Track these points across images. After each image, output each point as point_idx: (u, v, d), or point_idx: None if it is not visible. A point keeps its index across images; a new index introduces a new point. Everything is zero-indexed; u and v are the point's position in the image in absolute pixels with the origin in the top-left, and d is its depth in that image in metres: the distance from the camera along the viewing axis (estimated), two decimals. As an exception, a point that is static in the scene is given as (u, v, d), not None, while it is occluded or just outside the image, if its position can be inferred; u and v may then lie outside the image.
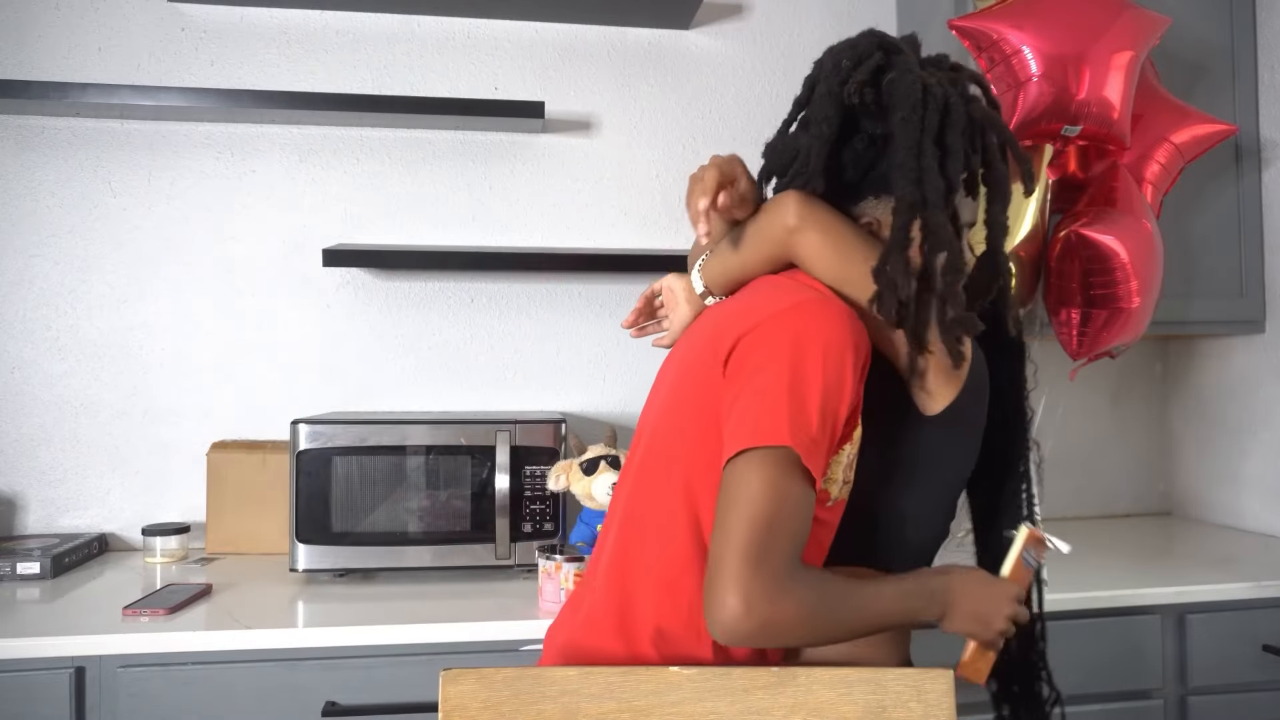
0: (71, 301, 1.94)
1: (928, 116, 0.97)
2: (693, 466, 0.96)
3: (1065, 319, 1.69)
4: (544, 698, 0.89)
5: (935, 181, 0.96)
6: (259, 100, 1.84)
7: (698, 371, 0.98)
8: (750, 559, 0.84)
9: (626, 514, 1.02)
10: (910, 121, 0.96)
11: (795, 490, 0.88)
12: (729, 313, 1.00)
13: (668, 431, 1.00)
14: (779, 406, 0.88)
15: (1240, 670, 1.59)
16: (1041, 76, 1.54)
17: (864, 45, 1.03)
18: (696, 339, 1.03)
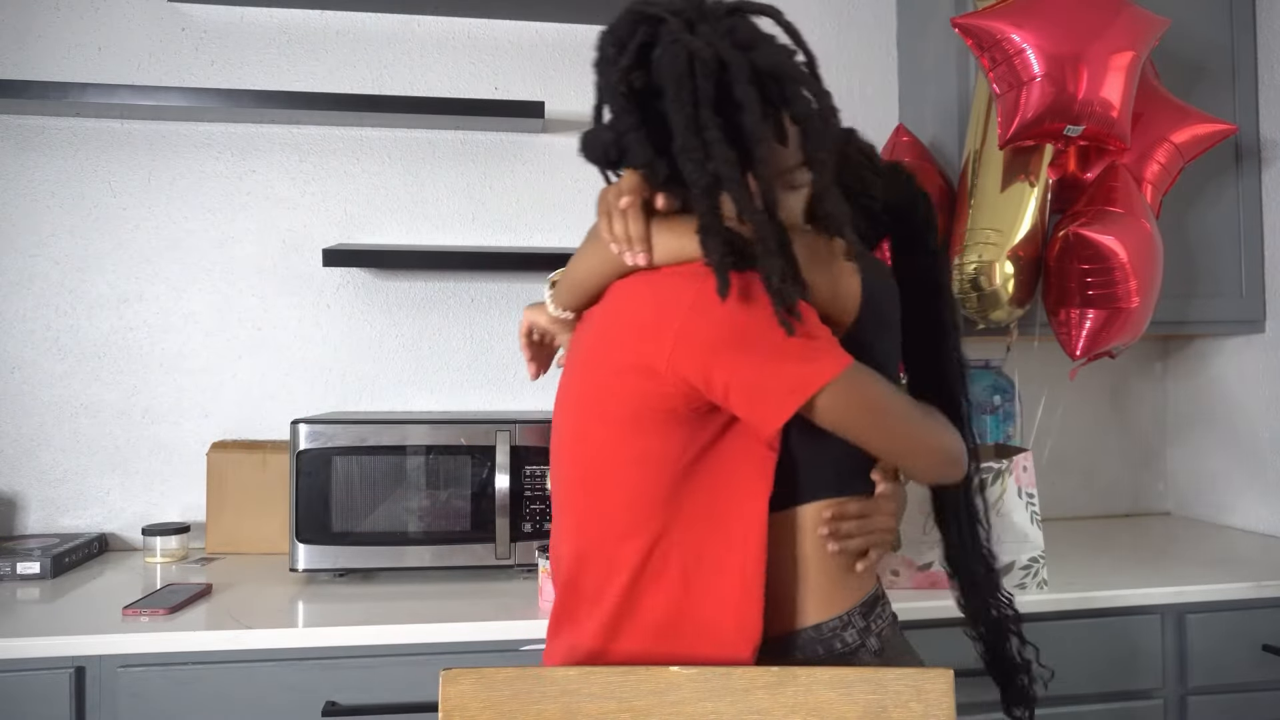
0: (71, 301, 1.94)
1: (700, 85, 0.90)
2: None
3: (1065, 319, 1.69)
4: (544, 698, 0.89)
5: (724, 153, 0.90)
6: (259, 100, 1.84)
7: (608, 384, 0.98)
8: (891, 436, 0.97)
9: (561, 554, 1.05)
10: (680, 98, 0.90)
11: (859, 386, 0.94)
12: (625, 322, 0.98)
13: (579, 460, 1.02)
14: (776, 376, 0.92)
15: (1240, 670, 1.59)
16: (1044, 76, 1.54)
17: (623, 26, 0.95)
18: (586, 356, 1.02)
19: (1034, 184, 1.67)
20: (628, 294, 0.99)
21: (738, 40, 0.94)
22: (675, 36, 0.92)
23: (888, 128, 2.18)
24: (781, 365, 0.92)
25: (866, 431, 0.96)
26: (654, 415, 0.96)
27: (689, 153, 0.91)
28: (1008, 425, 2.07)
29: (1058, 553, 1.81)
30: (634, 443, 0.97)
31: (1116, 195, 1.65)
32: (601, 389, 0.99)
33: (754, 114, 0.91)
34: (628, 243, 0.97)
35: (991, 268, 1.66)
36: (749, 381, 0.92)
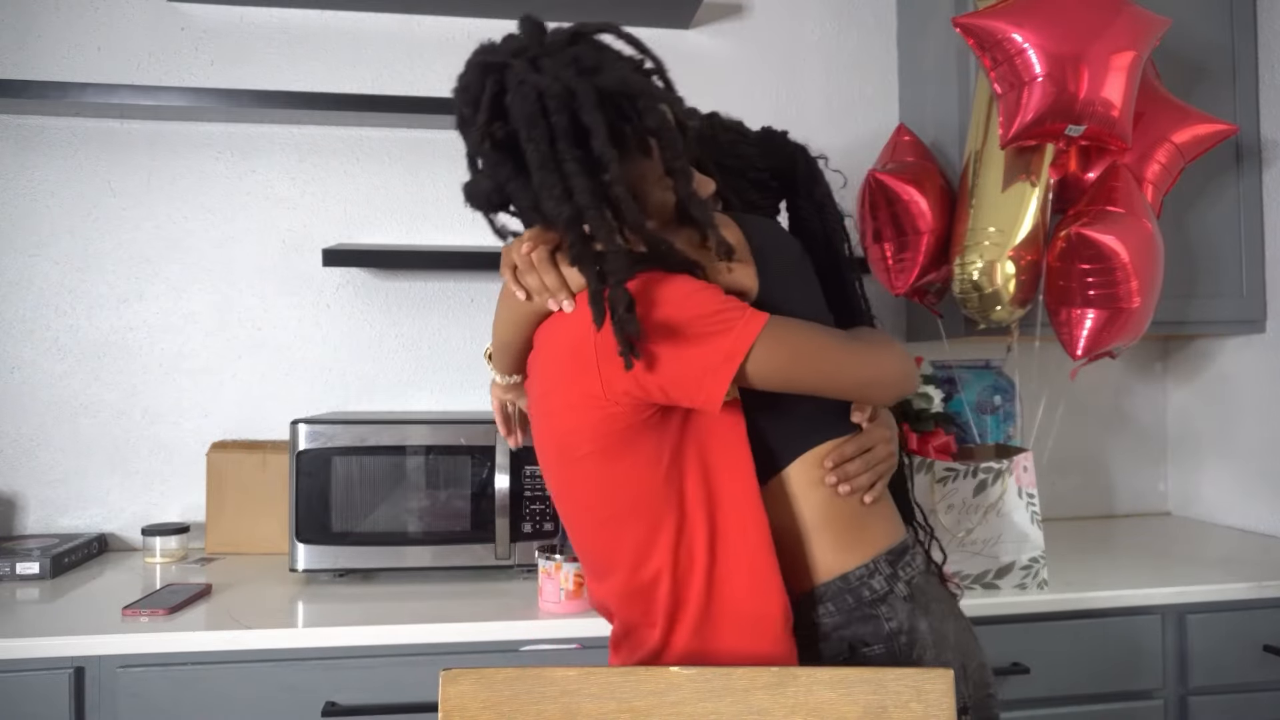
0: (71, 301, 1.94)
1: (553, 121, 0.92)
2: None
3: (1065, 319, 1.69)
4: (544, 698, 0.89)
5: (582, 184, 0.93)
6: (259, 100, 1.84)
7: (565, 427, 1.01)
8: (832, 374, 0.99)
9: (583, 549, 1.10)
10: (534, 139, 0.92)
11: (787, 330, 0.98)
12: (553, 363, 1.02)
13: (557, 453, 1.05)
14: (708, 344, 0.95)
15: (1240, 670, 1.59)
16: (1045, 76, 1.54)
17: (473, 82, 0.96)
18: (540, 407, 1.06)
19: (1035, 184, 1.67)
20: (546, 336, 1.03)
21: (582, 67, 0.94)
22: (522, 78, 0.93)
23: (888, 128, 2.18)
24: (701, 347, 0.95)
25: (807, 377, 0.99)
26: (618, 437, 0.99)
27: (548, 189, 0.93)
28: (1008, 425, 2.07)
29: (1058, 553, 1.81)
30: (613, 469, 1.00)
31: (1118, 195, 1.65)
32: (563, 433, 1.02)
33: (600, 137, 0.92)
34: (547, 294, 0.99)
35: (993, 268, 1.66)
36: (678, 373, 0.95)
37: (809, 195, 1.24)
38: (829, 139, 2.18)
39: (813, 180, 1.24)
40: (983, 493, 1.54)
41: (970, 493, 1.53)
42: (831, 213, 1.24)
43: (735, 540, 1.01)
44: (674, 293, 0.97)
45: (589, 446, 1.00)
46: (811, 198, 1.23)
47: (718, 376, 0.95)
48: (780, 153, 1.24)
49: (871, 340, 1.05)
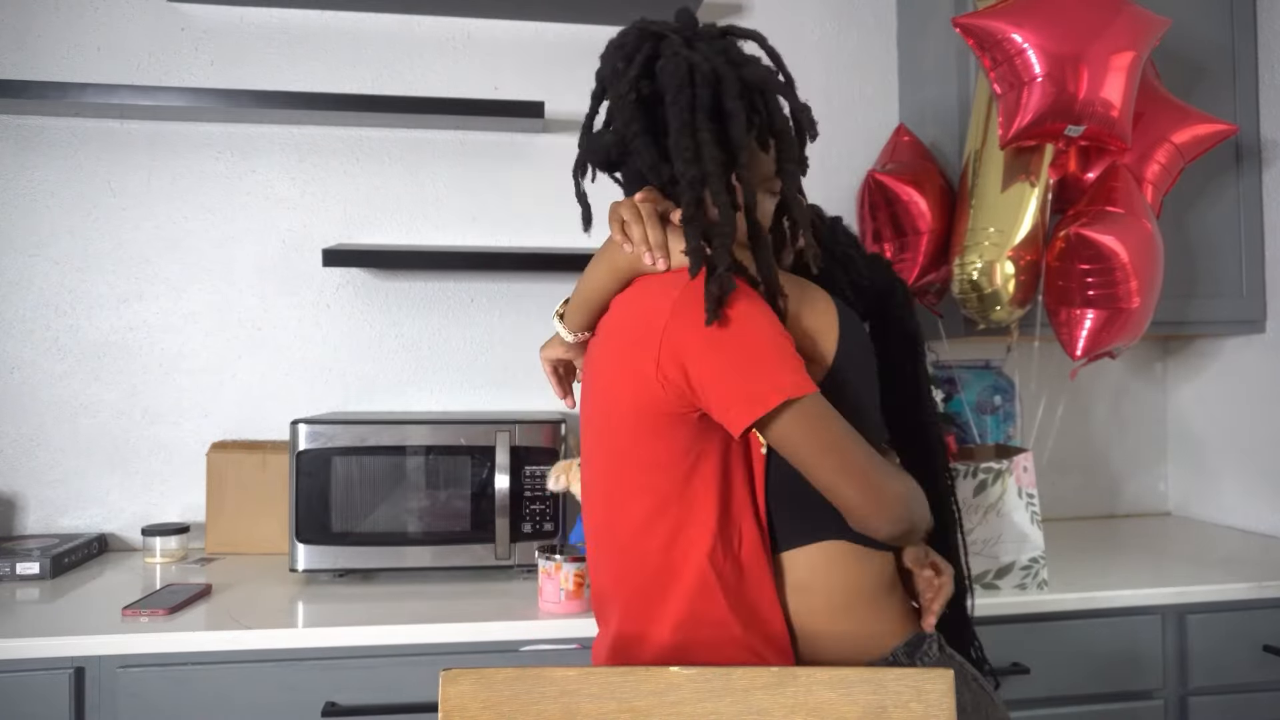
0: (71, 301, 1.94)
1: (698, 93, 1.01)
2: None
3: (1065, 319, 1.69)
4: (544, 698, 0.89)
5: (712, 153, 0.99)
6: (259, 100, 1.84)
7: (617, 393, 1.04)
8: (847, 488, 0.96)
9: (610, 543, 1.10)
10: (679, 103, 1.00)
11: (816, 417, 0.96)
12: (622, 331, 1.05)
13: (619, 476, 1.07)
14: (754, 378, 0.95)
15: (1240, 670, 1.59)
16: (1045, 76, 1.54)
17: (630, 42, 1.06)
18: (600, 368, 1.09)
19: (1035, 184, 1.67)
20: (624, 305, 1.07)
21: (730, 58, 1.04)
22: (676, 50, 1.03)
23: (888, 128, 2.18)
24: (750, 373, 0.95)
25: (819, 461, 0.96)
26: (655, 419, 1.01)
27: (682, 151, 1.00)
28: (1008, 425, 2.07)
29: (1058, 553, 1.81)
30: (641, 446, 1.03)
31: (1117, 195, 1.65)
32: (613, 398, 1.06)
33: (739, 124, 1.01)
34: (648, 247, 1.02)
35: (992, 268, 1.66)
36: (719, 383, 0.96)
37: (900, 324, 1.24)
38: (829, 139, 2.18)
39: (909, 309, 1.25)
40: (983, 493, 1.54)
41: (970, 493, 1.53)
42: (920, 344, 1.25)
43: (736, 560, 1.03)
44: (759, 318, 0.98)
45: (629, 419, 1.03)
46: (903, 325, 1.24)
47: (749, 408, 0.95)
48: (883, 274, 1.25)
49: (898, 474, 1.01)
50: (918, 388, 1.23)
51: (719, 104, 1.02)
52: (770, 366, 0.96)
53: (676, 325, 0.97)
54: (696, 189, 1.00)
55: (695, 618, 1.02)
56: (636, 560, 1.05)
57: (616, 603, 1.08)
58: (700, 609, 1.02)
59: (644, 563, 1.05)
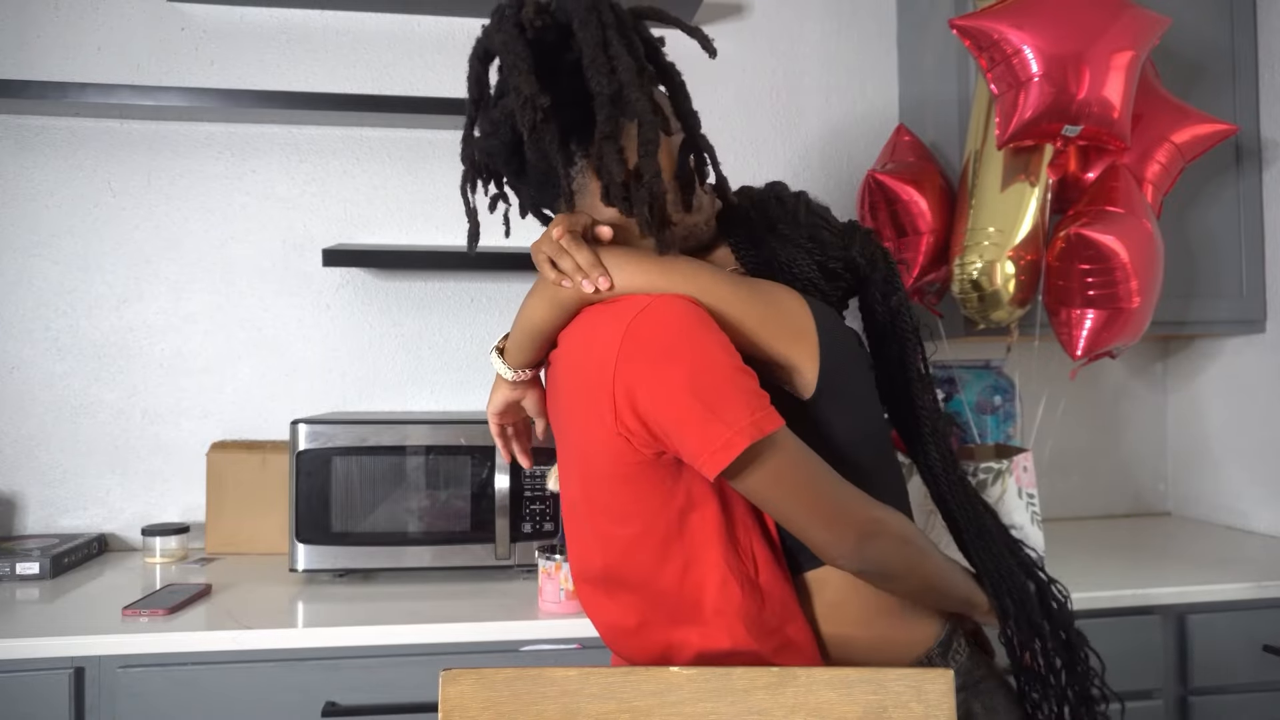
0: (71, 301, 1.94)
1: (603, 14, 0.99)
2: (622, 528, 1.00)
3: (1065, 319, 1.69)
4: (544, 698, 0.89)
5: (628, 63, 0.97)
6: (259, 100, 1.84)
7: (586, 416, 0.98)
8: (819, 525, 0.92)
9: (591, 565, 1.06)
10: (589, 23, 0.98)
11: (785, 458, 0.91)
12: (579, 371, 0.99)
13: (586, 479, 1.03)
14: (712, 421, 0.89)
15: (1240, 670, 1.59)
16: (1042, 76, 1.54)
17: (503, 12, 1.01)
18: (569, 407, 1.02)
19: (1034, 184, 1.67)
20: (573, 340, 1.00)
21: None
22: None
23: (888, 128, 2.18)
24: (709, 416, 0.89)
25: (787, 503, 0.92)
26: (629, 468, 0.96)
27: (598, 66, 0.96)
28: (1008, 425, 2.07)
29: (1058, 553, 1.81)
30: (629, 492, 0.98)
31: (1117, 195, 1.65)
32: (585, 445, 1.00)
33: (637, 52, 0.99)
34: (583, 275, 0.97)
35: (992, 268, 1.66)
36: (679, 430, 0.91)
37: (884, 299, 1.15)
38: (829, 140, 2.18)
39: (890, 286, 1.15)
40: (983, 493, 1.54)
41: (970, 493, 1.53)
42: (905, 323, 1.15)
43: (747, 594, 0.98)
44: (710, 349, 0.92)
45: (605, 470, 0.98)
46: (887, 303, 1.14)
47: (714, 458, 0.89)
48: (861, 248, 1.15)
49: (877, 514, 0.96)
50: (906, 386, 1.14)
51: (621, 28, 0.99)
52: (729, 405, 0.89)
53: (625, 370, 0.92)
54: (615, 105, 0.97)
55: (717, 651, 0.98)
56: (654, 600, 1.01)
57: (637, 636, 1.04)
58: (721, 641, 0.98)
59: (662, 602, 1.00)
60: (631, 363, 0.91)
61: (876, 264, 1.14)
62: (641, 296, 0.95)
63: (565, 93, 0.98)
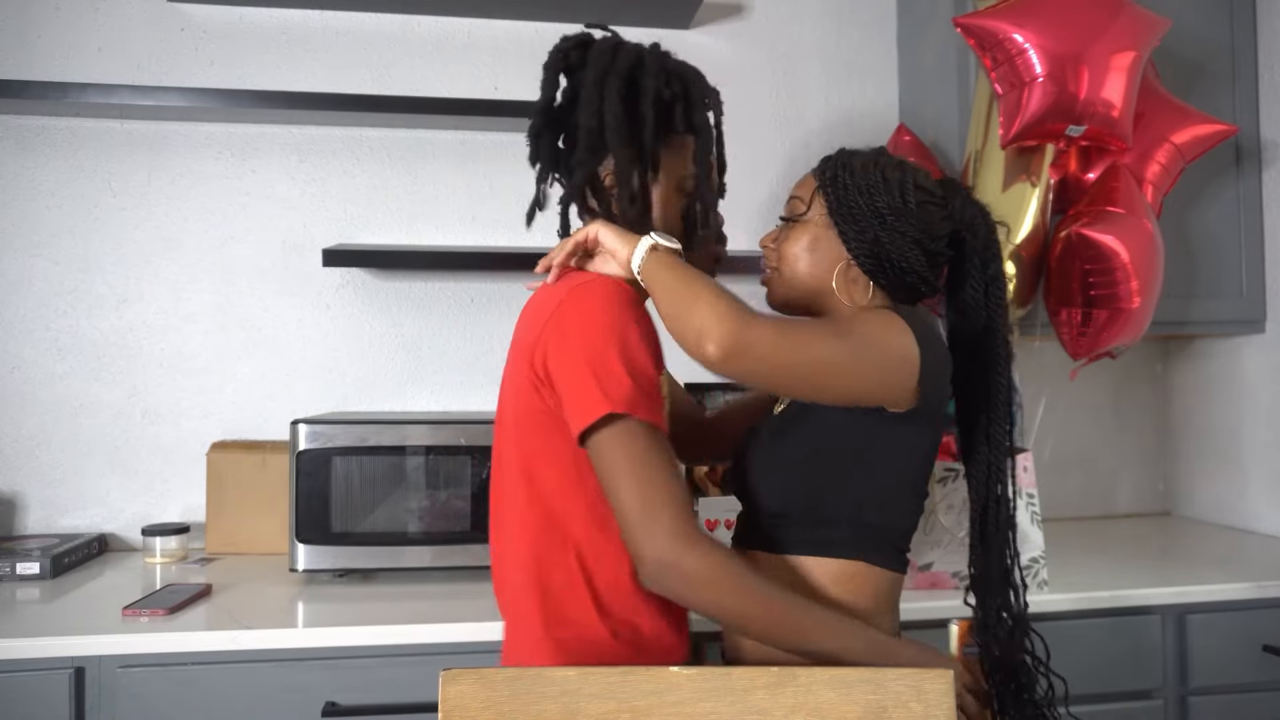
0: (71, 301, 1.93)
1: (617, 60, 1.08)
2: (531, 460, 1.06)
3: (1065, 319, 1.69)
4: (544, 698, 0.89)
5: (615, 109, 1.06)
6: (259, 100, 1.84)
7: (517, 375, 1.07)
8: (640, 519, 0.95)
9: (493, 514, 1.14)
10: (597, 64, 1.08)
11: (643, 446, 0.96)
12: (520, 329, 1.10)
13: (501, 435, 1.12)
14: (590, 385, 0.97)
15: (1240, 670, 1.59)
16: (1046, 76, 1.54)
17: (575, 34, 1.16)
18: (508, 368, 1.12)
19: (1035, 184, 1.67)
20: (529, 305, 1.12)
21: (656, 52, 1.14)
22: (612, 36, 1.15)
23: (888, 128, 2.18)
24: (592, 380, 0.97)
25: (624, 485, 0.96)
26: (535, 416, 1.04)
27: (586, 103, 1.08)
28: (1008, 425, 2.06)
29: (1058, 553, 1.80)
30: (529, 443, 1.05)
31: (1118, 195, 1.65)
32: (509, 394, 1.09)
33: (647, 99, 1.08)
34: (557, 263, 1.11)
35: (992, 268, 1.66)
36: (567, 385, 0.99)
37: (982, 268, 1.12)
38: (829, 139, 2.18)
39: (990, 253, 1.12)
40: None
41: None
42: (997, 294, 1.12)
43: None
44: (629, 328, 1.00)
45: (518, 415, 1.06)
46: (985, 271, 1.12)
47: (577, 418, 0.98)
48: (962, 213, 1.11)
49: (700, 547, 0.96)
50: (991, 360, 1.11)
51: (635, 78, 1.08)
52: (614, 382, 0.96)
53: (550, 326, 1.01)
54: (591, 140, 1.07)
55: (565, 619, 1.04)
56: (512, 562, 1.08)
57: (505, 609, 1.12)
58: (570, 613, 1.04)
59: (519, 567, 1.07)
60: (556, 321, 1.01)
61: (977, 230, 1.12)
62: (589, 274, 1.06)
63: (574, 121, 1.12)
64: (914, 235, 1.08)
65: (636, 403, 0.96)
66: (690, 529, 0.95)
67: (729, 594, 0.95)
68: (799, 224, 1.13)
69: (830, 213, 1.11)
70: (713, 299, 0.95)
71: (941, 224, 1.10)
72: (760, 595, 0.96)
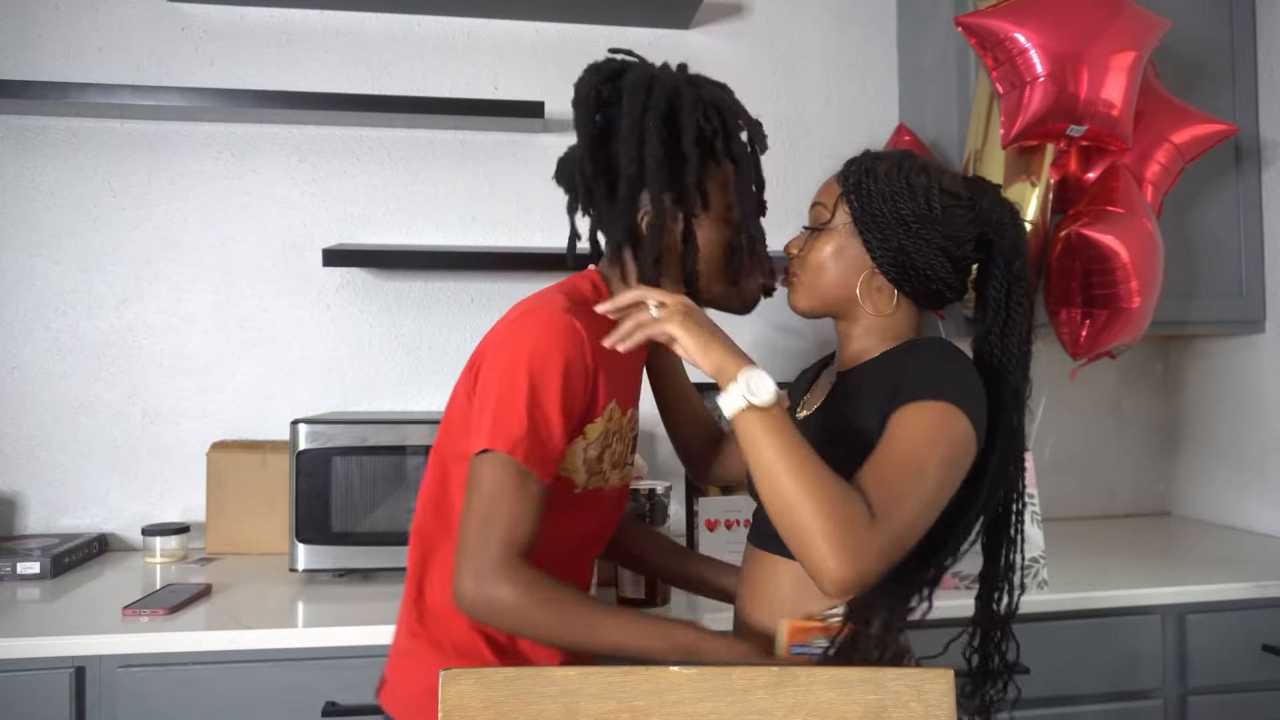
0: (71, 301, 1.93)
1: (653, 97, 1.05)
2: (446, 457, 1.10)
3: (1065, 319, 1.69)
4: (544, 698, 0.89)
5: (655, 153, 1.04)
6: (259, 100, 1.84)
7: (464, 375, 1.10)
8: (471, 545, 0.97)
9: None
10: (634, 101, 1.04)
11: (508, 486, 0.98)
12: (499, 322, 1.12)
13: (441, 430, 1.14)
14: (488, 413, 0.99)
15: (1240, 670, 1.59)
16: (1047, 76, 1.54)
17: (603, 63, 1.12)
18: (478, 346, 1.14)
19: (1035, 184, 1.67)
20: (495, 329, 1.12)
21: (692, 79, 1.12)
22: (644, 65, 1.11)
23: (888, 128, 2.18)
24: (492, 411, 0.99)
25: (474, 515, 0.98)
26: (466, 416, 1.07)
27: (626, 147, 1.04)
28: (1008, 425, 2.06)
29: (1058, 553, 1.80)
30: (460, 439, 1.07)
31: (1118, 195, 1.65)
32: (463, 386, 1.10)
33: (690, 135, 1.05)
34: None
35: (992, 268, 1.66)
36: (477, 405, 1.02)
37: (1007, 265, 1.08)
38: (829, 139, 2.18)
39: (1016, 250, 1.09)
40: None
41: (970, 493, 1.53)
42: (1019, 294, 1.09)
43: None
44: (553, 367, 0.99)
45: (450, 411, 1.10)
46: (1009, 268, 1.08)
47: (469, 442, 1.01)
48: (989, 214, 1.09)
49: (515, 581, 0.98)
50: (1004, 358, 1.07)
51: (674, 114, 1.05)
52: (512, 418, 0.98)
53: (494, 340, 1.04)
54: (632, 187, 1.05)
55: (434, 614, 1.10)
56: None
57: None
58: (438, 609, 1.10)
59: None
60: (499, 338, 1.03)
61: (1005, 230, 1.09)
62: (544, 299, 1.05)
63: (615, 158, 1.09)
64: (940, 242, 1.06)
65: (522, 447, 0.97)
66: (501, 571, 0.96)
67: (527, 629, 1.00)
68: (823, 232, 1.11)
69: (854, 221, 1.08)
70: (826, 514, 0.88)
71: (968, 228, 1.08)
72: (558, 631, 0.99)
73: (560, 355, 1.00)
